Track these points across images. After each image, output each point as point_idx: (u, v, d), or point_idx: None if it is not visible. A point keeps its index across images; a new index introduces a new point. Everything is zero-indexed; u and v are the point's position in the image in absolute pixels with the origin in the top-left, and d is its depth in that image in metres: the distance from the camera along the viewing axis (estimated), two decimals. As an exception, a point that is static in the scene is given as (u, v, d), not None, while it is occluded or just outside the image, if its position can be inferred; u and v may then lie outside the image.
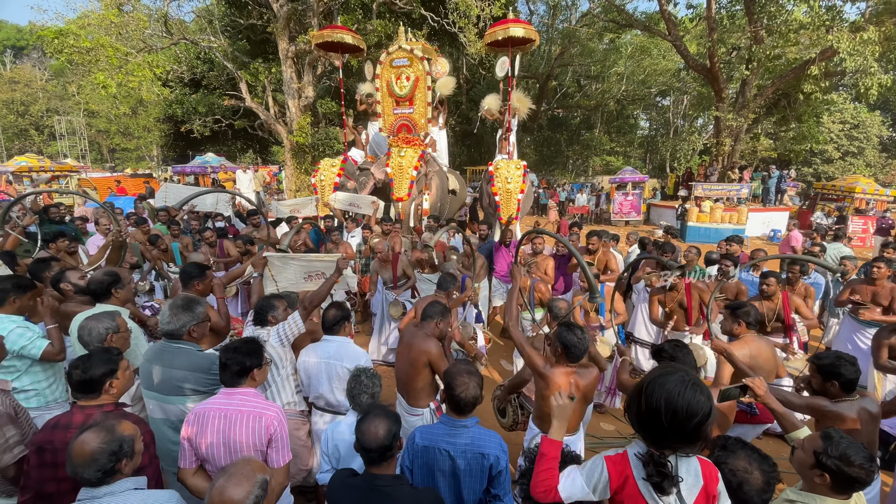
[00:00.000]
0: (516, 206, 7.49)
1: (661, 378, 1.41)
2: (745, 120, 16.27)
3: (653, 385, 1.40)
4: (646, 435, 1.45)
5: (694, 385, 1.38)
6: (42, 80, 39.42)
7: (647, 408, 1.39)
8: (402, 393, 2.97)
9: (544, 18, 25.79)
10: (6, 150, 32.27)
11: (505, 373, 5.25)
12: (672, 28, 16.22)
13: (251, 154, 30.25)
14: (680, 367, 1.50)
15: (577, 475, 1.58)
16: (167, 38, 14.43)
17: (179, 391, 2.29)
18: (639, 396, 1.43)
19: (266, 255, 3.37)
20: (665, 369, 1.47)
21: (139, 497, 1.53)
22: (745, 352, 2.86)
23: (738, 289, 4.63)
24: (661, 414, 1.35)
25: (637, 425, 1.46)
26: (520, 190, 7.51)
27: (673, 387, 1.37)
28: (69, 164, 19.90)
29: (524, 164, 7.88)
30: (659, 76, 24.30)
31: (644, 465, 1.45)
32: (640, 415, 1.43)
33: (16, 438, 1.90)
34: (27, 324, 2.64)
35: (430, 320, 2.91)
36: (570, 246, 3.25)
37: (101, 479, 1.48)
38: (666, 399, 1.35)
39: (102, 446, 1.47)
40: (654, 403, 1.37)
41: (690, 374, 1.43)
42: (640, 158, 32.26)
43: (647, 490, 1.45)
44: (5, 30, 49.41)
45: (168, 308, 2.38)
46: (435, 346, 2.81)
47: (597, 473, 1.54)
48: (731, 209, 14.21)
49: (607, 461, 1.54)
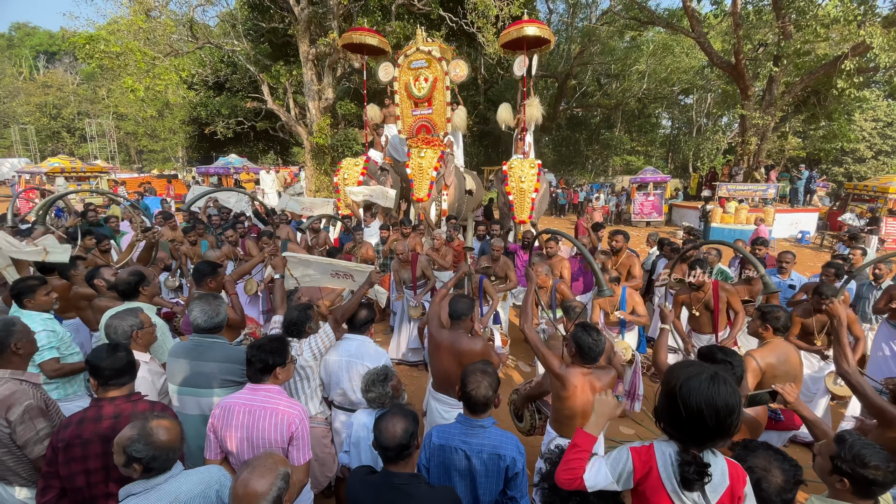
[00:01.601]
0: (530, 205, 7.46)
1: (692, 380, 1.41)
2: (773, 118, 15.81)
3: (687, 388, 1.40)
4: (685, 437, 1.45)
5: (723, 380, 1.40)
6: (73, 84, 40.92)
7: (688, 412, 1.39)
8: (447, 392, 2.93)
9: (564, 17, 25.57)
10: (40, 151, 33.54)
11: (524, 375, 5.22)
12: (696, 24, 15.86)
13: (272, 155, 30.81)
14: (697, 363, 1.51)
15: (601, 464, 1.57)
16: (192, 42, 14.81)
17: (212, 383, 2.35)
18: (673, 402, 1.42)
19: (286, 254, 3.41)
20: (688, 369, 1.46)
21: (192, 474, 1.64)
22: (769, 358, 2.78)
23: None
24: (704, 417, 1.37)
25: (675, 429, 1.47)
26: (534, 189, 7.46)
27: (708, 387, 1.38)
28: (99, 166, 20.64)
29: (539, 162, 7.84)
30: (682, 74, 23.79)
31: (685, 465, 1.43)
32: (679, 420, 1.42)
33: (46, 431, 1.96)
34: (55, 326, 2.74)
35: (463, 318, 2.88)
36: (576, 242, 3.23)
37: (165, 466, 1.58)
38: (706, 401, 1.37)
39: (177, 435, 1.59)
40: (696, 407, 1.38)
41: (710, 368, 1.45)
42: (662, 158, 31.66)
43: (669, 483, 1.46)
44: (38, 35, 51.49)
45: (204, 304, 2.44)
46: (481, 343, 2.83)
47: (622, 463, 1.54)
48: (756, 210, 13.83)
49: (633, 452, 1.54)
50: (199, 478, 1.62)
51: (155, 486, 1.55)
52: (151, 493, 1.53)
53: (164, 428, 1.55)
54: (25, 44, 49.71)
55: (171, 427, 1.58)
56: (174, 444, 1.56)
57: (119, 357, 1.89)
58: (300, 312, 2.71)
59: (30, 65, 45.38)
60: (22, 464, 1.97)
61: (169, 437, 1.55)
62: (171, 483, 1.57)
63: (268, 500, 1.40)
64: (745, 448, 1.69)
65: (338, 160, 11.33)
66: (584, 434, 1.65)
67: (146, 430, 1.53)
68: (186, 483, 1.58)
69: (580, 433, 1.66)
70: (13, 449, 1.94)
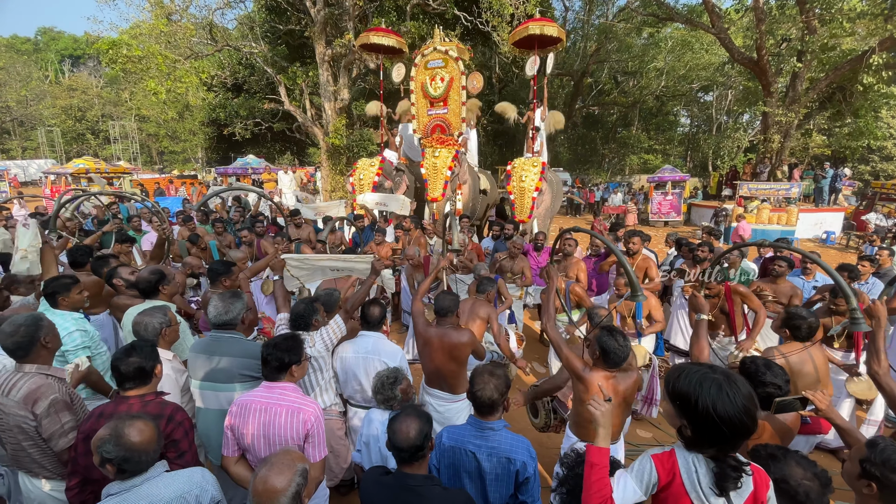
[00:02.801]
0: (530, 204, 7.45)
1: (713, 391, 1.39)
2: (796, 115, 15.39)
3: (712, 400, 1.38)
4: (715, 444, 1.43)
5: (740, 382, 1.41)
6: (97, 87, 42.10)
7: (722, 421, 1.37)
8: (440, 386, 2.98)
9: (580, 14, 25.29)
10: (65, 153, 34.58)
11: (538, 375, 5.18)
12: (716, 20, 15.52)
13: (289, 156, 31.22)
14: (706, 366, 1.50)
15: (627, 479, 1.55)
16: (212, 45, 15.07)
17: (232, 378, 2.39)
18: (702, 417, 1.40)
19: (284, 256, 3.43)
20: (700, 376, 1.44)
21: (173, 476, 1.64)
22: (793, 357, 2.70)
23: (793, 292, 4.31)
24: (736, 424, 1.36)
25: (704, 440, 1.44)
26: (534, 188, 7.44)
27: (734, 394, 1.38)
28: (122, 167, 21.18)
29: (543, 161, 7.81)
30: (701, 71, 23.33)
31: (728, 469, 1.42)
32: (710, 432, 1.40)
33: (70, 424, 2.01)
34: (86, 325, 2.79)
35: (449, 314, 2.94)
36: (609, 243, 3.15)
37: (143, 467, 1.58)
38: (743, 410, 1.36)
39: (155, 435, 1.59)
40: (727, 416, 1.36)
41: (720, 369, 1.45)
42: (681, 156, 31.14)
43: (693, 489, 1.44)
44: (63, 40, 53.08)
45: (219, 300, 2.48)
46: (469, 336, 2.87)
47: (646, 473, 1.52)
48: (779, 210, 13.48)
49: (655, 460, 1.52)
50: (179, 482, 1.62)
51: (132, 488, 1.55)
52: (129, 494, 1.54)
53: (137, 430, 1.55)
54: (51, 48, 51.31)
55: (144, 429, 1.56)
56: (147, 447, 1.55)
57: (132, 361, 1.93)
58: (306, 306, 2.74)
59: (55, 68, 46.81)
60: (47, 456, 2.03)
61: (141, 439, 1.54)
62: (148, 485, 1.57)
63: (287, 496, 1.40)
64: (773, 455, 1.65)
65: (353, 160, 11.42)
66: (596, 450, 1.62)
67: (117, 431, 1.53)
68: (165, 487, 1.58)
69: (593, 450, 1.62)
70: (39, 442, 1.99)
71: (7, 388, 1.99)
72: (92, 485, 1.90)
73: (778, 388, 2.02)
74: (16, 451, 2.02)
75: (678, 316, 4.79)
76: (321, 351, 2.69)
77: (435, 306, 2.96)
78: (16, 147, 37.96)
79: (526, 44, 8.61)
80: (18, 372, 2.04)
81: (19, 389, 1.98)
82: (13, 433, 1.98)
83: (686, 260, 5.44)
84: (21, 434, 1.97)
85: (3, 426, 1.98)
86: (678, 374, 1.49)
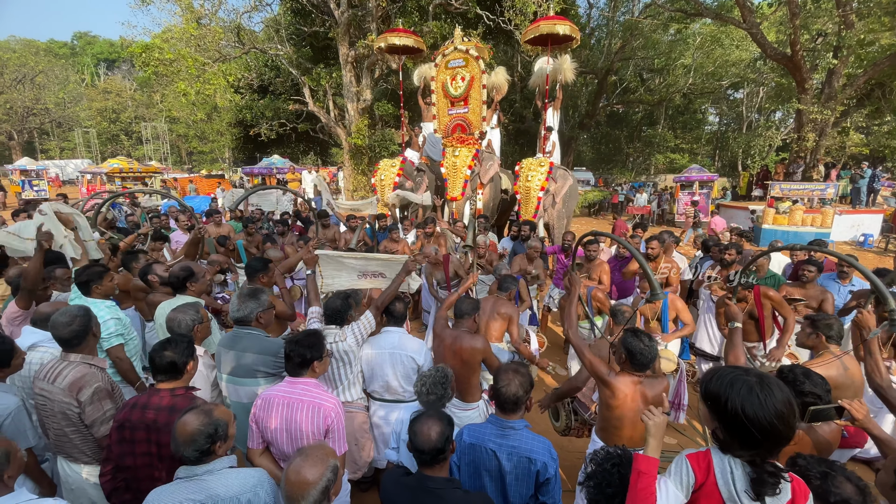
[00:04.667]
0: (535, 204, 7.44)
1: (742, 391, 1.37)
2: (833, 113, 14.78)
3: (741, 401, 1.36)
4: (748, 448, 1.41)
5: (775, 386, 1.38)
6: (131, 89, 43.58)
7: (751, 423, 1.35)
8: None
9: (604, 11, 24.87)
10: (100, 153, 35.94)
11: (559, 378, 5.14)
12: (748, 14, 15.03)
13: (312, 156, 31.71)
14: (742, 368, 1.46)
15: (668, 484, 1.53)
16: (239, 47, 15.47)
17: (252, 374, 2.46)
18: (732, 418, 1.38)
19: (318, 252, 3.50)
20: (732, 377, 1.41)
21: (233, 475, 1.68)
22: (828, 370, 2.58)
23: (823, 297, 4.15)
24: (766, 428, 1.34)
25: (736, 443, 1.42)
26: (540, 188, 7.43)
27: (766, 396, 1.35)
28: (154, 166, 21.91)
29: (551, 161, 7.81)
30: (731, 67, 22.55)
31: (768, 475, 1.39)
32: (740, 434, 1.38)
33: (112, 412, 2.11)
34: (118, 313, 2.91)
35: (466, 317, 2.95)
36: (627, 244, 3.09)
37: (199, 458, 1.63)
38: (775, 414, 1.34)
39: (201, 428, 1.62)
40: (756, 418, 1.34)
41: (755, 371, 1.43)
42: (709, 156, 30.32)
43: (727, 490, 1.43)
44: (99, 44, 55.23)
45: (236, 297, 2.58)
46: (483, 343, 2.87)
47: (685, 475, 1.50)
48: (813, 211, 12.98)
49: (691, 460, 1.50)
50: (236, 483, 1.67)
51: (194, 476, 1.63)
52: (191, 482, 1.62)
53: (184, 423, 1.63)
54: (87, 52, 53.45)
55: (193, 422, 1.63)
56: (195, 438, 1.61)
57: (166, 355, 2.01)
58: (343, 301, 2.79)
59: (91, 72, 48.70)
60: (88, 442, 2.13)
61: (190, 430, 1.61)
62: (210, 479, 1.64)
63: (317, 490, 1.44)
64: (814, 466, 1.61)
65: (375, 160, 11.54)
66: (646, 459, 1.59)
67: (177, 424, 1.63)
68: (222, 485, 1.64)
69: (641, 459, 1.59)
70: (81, 428, 2.10)
71: (53, 375, 2.09)
72: (124, 472, 1.98)
73: (818, 399, 1.94)
74: (58, 436, 2.12)
75: (705, 319, 4.67)
76: (352, 345, 2.74)
77: (455, 309, 2.98)
78: (54, 147, 39.64)
79: (540, 42, 8.59)
80: (64, 361, 2.15)
81: (65, 377, 2.08)
82: (57, 419, 2.08)
83: (713, 262, 5.31)
84: (64, 420, 2.08)
85: (48, 412, 2.09)
86: (712, 375, 1.48)
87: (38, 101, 35.22)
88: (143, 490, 2.00)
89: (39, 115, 36.44)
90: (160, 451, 1.94)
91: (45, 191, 19.61)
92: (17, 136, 35.18)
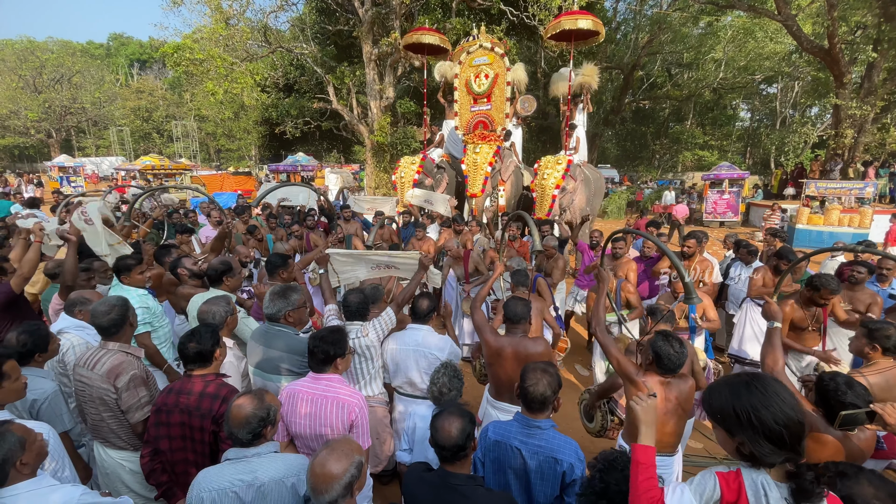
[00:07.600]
0: (550, 202, 7.42)
1: (743, 393, 1.39)
2: (872, 108, 14.13)
3: (751, 404, 1.36)
4: (777, 447, 1.37)
5: (767, 379, 1.42)
6: (162, 89, 44.94)
7: (776, 419, 1.33)
8: (511, 400, 2.77)
9: (631, 5, 24.32)
10: (134, 150, 37.23)
11: (581, 378, 5.08)
12: (783, 6, 14.47)
13: (335, 154, 32.13)
14: (731, 376, 1.49)
15: (685, 489, 1.49)
16: (266, 47, 15.77)
17: (277, 370, 2.51)
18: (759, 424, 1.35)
19: (329, 251, 3.54)
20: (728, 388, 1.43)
21: (280, 459, 1.77)
22: (877, 379, 2.48)
23: (872, 300, 3.91)
24: (788, 414, 1.34)
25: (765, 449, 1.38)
26: (555, 185, 7.39)
27: (772, 388, 1.37)
28: (184, 164, 22.63)
29: (569, 159, 7.74)
30: (764, 61, 21.72)
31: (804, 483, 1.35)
32: (773, 434, 1.35)
33: (146, 398, 2.20)
34: (148, 302, 3.02)
35: (522, 322, 2.77)
36: (663, 247, 3.03)
37: (251, 440, 1.72)
38: (782, 401, 1.34)
39: (255, 412, 1.71)
40: (777, 410, 1.33)
41: (744, 374, 1.46)
42: (739, 153, 29.40)
43: None
44: (132, 45, 57.08)
45: (268, 294, 2.64)
46: (545, 345, 2.76)
47: (708, 489, 1.46)
48: (850, 210, 12.43)
49: (720, 477, 1.46)
50: (281, 466, 1.75)
51: (243, 458, 1.72)
52: (239, 463, 1.71)
53: (239, 406, 1.71)
54: (121, 53, 55.34)
55: (248, 405, 1.71)
56: (250, 421, 1.69)
57: (191, 346, 2.11)
58: (362, 298, 2.83)
59: (125, 72, 50.42)
60: (123, 427, 2.22)
61: (245, 413, 1.69)
62: (257, 461, 1.72)
63: (341, 484, 1.45)
64: (843, 473, 1.54)
65: (397, 158, 11.61)
66: (641, 448, 1.56)
67: (231, 407, 1.72)
68: (267, 468, 1.72)
69: (638, 449, 1.57)
70: (118, 413, 2.18)
71: (92, 362, 2.19)
72: (160, 455, 2.08)
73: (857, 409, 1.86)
74: (96, 421, 2.22)
75: (749, 323, 4.51)
76: (373, 341, 2.76)
77: (506, 313, 2.78)
78: (90, 145, 41.26)
79: (563, 37, 8.51)
80: (102, 349, 2.25)
81: (103, 364, 2.17)
82: (95, 405, 2.18)
83: (744, 263, 5.15)
84: (102, 406, 2.17)
85: (87, 398, 2.19)
86: (708, 394, 1.49)
87: (75, 100, 36.59)
88: (177, 472, 2.09)
89: (76, 113, 37.90)
90: (192, 434, 2.04)
91: (82, 186, 20.48)
92: (56, 135, 36.71)
